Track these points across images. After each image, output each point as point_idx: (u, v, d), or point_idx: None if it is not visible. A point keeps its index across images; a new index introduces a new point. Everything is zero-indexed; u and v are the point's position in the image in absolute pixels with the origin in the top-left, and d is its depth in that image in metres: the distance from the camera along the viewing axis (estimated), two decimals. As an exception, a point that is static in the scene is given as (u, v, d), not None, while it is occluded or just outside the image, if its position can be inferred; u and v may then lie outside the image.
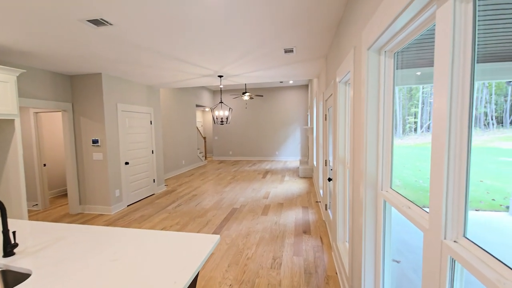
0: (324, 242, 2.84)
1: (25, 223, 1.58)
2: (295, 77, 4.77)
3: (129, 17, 1.99)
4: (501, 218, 3.91)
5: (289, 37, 2.55)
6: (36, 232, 1.44)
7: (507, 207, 3.96)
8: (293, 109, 9.33)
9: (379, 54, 1.28)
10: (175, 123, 7.08)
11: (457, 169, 0.71)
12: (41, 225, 1.53)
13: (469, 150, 0.70)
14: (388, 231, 1.29)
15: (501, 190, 4.34)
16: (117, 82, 4.17)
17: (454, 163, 0.72)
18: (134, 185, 4.56)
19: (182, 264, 1.06)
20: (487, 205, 4.00)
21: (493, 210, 4.02)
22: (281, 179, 6.18)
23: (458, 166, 0.71)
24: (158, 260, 1.10)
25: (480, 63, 0.73)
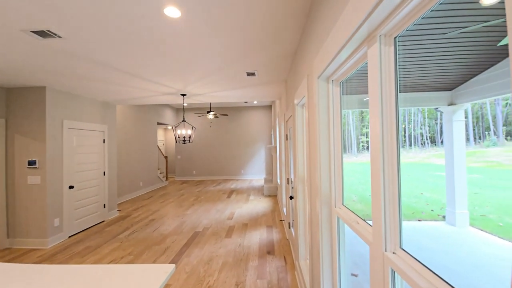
0: (287, 261, 2.83)
1: None
2: (258, 98, 4.96)
3: (81, 30, 1.89)
4: (440, 227, 4.39)
5: (251, 61, 2.68)
6: None
7: (443, 216, 4.48)
8: (258, 128, 9.56)
9: (327, 82, 1.43)
10: (133, 141, 6.62)
11: (391, 185, 0.80)
12: None
13: (398, 168, 0.80)
14: (343, 246, 1.36)
15: (437, 201, 4.96)
16: (64, 97, 3.79)
17: (388, 179, 0.81)
18: (79, 212, 4.02)
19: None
20: (428, 215, 4.50)
21: (433, 220, 4.54)
22: (246, 199, 6.11)
23: (391, 182, 0.80)
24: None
25: (411, 92, 0.87)
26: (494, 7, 1.30)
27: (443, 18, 1.58)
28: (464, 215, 3.01)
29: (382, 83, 0.83)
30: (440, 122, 3.47)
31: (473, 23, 1.72)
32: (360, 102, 1.58)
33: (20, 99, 3.49)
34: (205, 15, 1.70)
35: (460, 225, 3.09)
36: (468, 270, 2.49)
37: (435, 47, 2.14)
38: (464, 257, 2.83)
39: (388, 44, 0.83)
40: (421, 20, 0.78)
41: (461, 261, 2.64)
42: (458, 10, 1.55)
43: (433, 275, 0.63)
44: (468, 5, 1.52)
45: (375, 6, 0.72)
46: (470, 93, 2.45)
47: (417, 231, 3.82)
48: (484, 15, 1.57)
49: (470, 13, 1.57)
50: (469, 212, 3.79)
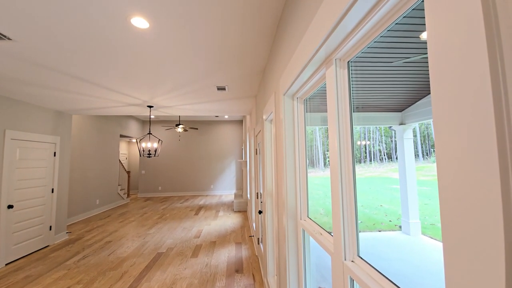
0: (256, 279, 2.75)
1: None
2: (229, 112, 4.98)
3: (36, 33, 1.74)
4: (396, 236, 4.72)
5: (222, 75, 2.72)
6: None
7: (400, 226, 4.86)
8: (228, 143, 9.51)
9: (292, 99, 1.51)
10: (90, 155, 6.07)
11: (348, 197, 0.86)
12: None
13: (354, 181, 0.86)
14: (308, 259, 1.38)
15: (395, 212, 5.35)
16: (8, 104, 3.37)
17: (346, 192, 0.86)
18: (19, 235, 3.47)
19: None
20: (386, 226, 4.82)
21: (391, 230, 4.87)
22: (215, 215, 5.91)
23: (348, 195, 0.86)
24: None
25: (368, 112, 0.96)
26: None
27: (389, 49, 1.82)
28: (416, 224, 3.30)
29: (338, 102, 0.90)
30: (395, 139, 3.84)
31: (414, 54, 2.01)
32: (323, 120, 1.69)
33: (-50, 105, 3.00)
34: (175, 27, 1.71)
35: (413, 233, 3.36)
36: (421, 276, 2.69)
37: (385, 73, 2.43)
38: (417, 263, 3.07)
39: (342, 67, 0.92)
40: (371, 49, 0.89)
41: (414, 267, 2.85)
42: (401, 43, 1.80)
43: (388, 281, 0.67)
44: (409, 39, 1.77)
45: (330, 32, 0.80)
46: (416, 115, 2.79)
47: (377, 240, 4.05)
48: (423, 48, 1.85)
49: (411, 46, 1.84)
50: (420, 221, 4.19)
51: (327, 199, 6.40)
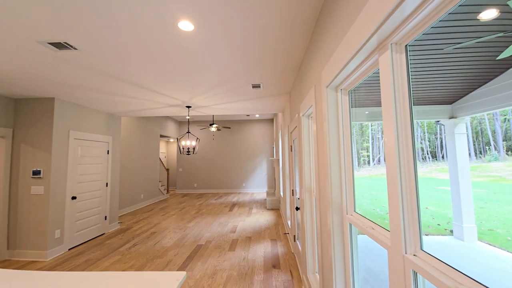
0: (294, 275, 2.75)
1: None
2: (262, 110, 5.03)
3: (97, 42, 1.97)
4: (448, 241, 4.32)
5: (257, 74, 2.76)
6: None
7: (451, 231, 4.43)
8: (259, 142, 9.60)
9: (336, 91, 1.47)
10: (135, 153, 6.64)
11: (408, 191, 0.81)
12: (-51, 276, 1.20)
13: (416, 176, 0.81)
14: (356, 255, 1.33)
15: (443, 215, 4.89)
16: (72, 108, 3.86)
17: (405, 186, 0.82)
18: (81, 223, 3.96)
19: (140, 309, 0.92)
20: (434, 229, 4.44)
21: (440, 234, 4.47)
22: (249, 212, 6.02)
23: (408, 189, 0.81)
24: (110, 307, 0.93)
25: (413, 105, 0.90)
26: (490, 23, 1.36)
27: (440, 34, 1.65)
28: (472, 229, 2.96)
29: (395, 92, 0.86)
30: (440, 136, 3.49)
31: (469, 39, 1.80)
32: (361, 115, 1.61)
33: (28, 110, 3.55)
34: (218, 28, 1.79)
35: (468, 239, 3.03)
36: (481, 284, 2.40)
37: (433, 61, 2.21)
38: (475, 272, 2.75)
39: (399, 52, 0.87)
40: (420, 35, 0.83)
41: (472, 274, 2.56)
42: (455, 27, 1.63)
43: (460, 274, 0.62)
44: (464, 21, 1.59)
45: (387, 16, 0.77)
46: (470, 107, 2.49)
47: (426, 244, 3.73)
48: (479, 31, 1.65)
49: (466, 29, 1.65)
50: (476, 226, 3.75)
51: (363, 200, 6.07)
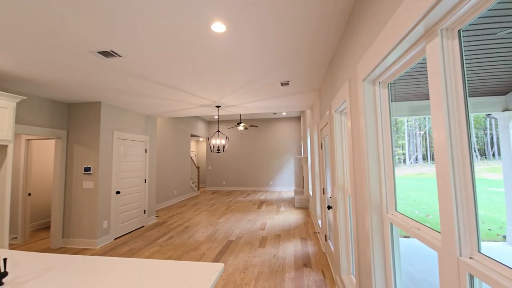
0: (326, 275, 2.69)
1: (11, 252, 1.46)
2: (289, 108, 4.99)
3: (138, 49, 2.13)
4: (501, 248, 3.87)
5: (286, 71, 2.74)
6: (23, 262, 1.32)
7: (504, 236, 3.98)
8: (286, 140, 9.53)
9: (373, 84, 1.40)
10: (169, 152, 7.04)
11: (463, 191, 0.75)
12: (28, 255, 1.41)
13: (473, 174, 0.74)
14: (398, 256, 1.27)
15: (495, 219, 4.38)
16: (115, 110, 4.23)
17: (460, 185, 0.76)
18: (124, 216, 4.33)
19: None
20: (485, 235, 3.98)
21: (492, 240, 4.01)
22: (277, 210, 6.03)
23: (464, 188, 0.75)
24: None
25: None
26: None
27: (494, 17, 1.48)
28: (530, 235, 2.60)
29: (446, 82, 0.80)
30: (491, 132, 3.12)
31: None
32: (397, 110, 1.50)
33: (79, 113, 3.98)
34: (249, 27, 1.82)
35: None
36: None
37: (484, 47, 1.98)
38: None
39: (451, 38, 0.81)
40: (476, 19, 0.75)
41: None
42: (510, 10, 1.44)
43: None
44: None
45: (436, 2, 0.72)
46: (528, 98, 2.18)
47: (475, 250, 3.37)
48: None
49: None
50: (536, 232, 3.27)
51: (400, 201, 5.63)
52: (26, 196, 4.02)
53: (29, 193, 4.06)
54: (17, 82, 2.93)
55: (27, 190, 4.04)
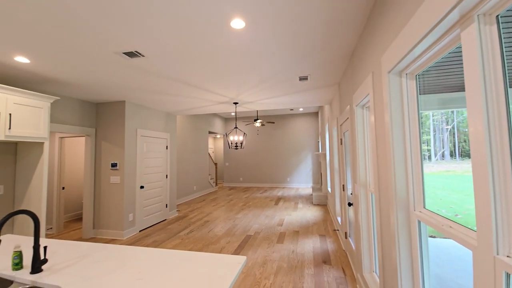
0: (347, 273, 2.65)
1: (48, 241, 1.60)
2: (307, 103, 4.91)
3: (160, 48, 2.20)
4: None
5: (305, 65, 2.70)
6: (60, 249, 1.44)
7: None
8: (303, 136, 9.41)
9: (400, 76, 1.34)
10: (188, 149, 7.24)
11: (503, 188, 0.70)
12: (65, 244, 1.54)
13: None
14: (426, 255, 1.22)
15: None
16: (138, 109, 4.42)
17: (499, 182, 0.71)
18: (147, 209, 4.54)
19: (211, 285, 1.02)
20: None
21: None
22: (295, 206, 6.00)
23: (503, 185, 0.70)
24: (184, 281, 1.06)
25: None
26: None
27: None
28: None
29: (484, 72, 0.74)
30: None
31: None
32: (425, 102, 1.42)
33: (106, 112, 4.20)
34: (268, 21, 1.81)
35: None
36: None
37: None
38: None
39: (489, 23, 0.75)
40: None
41: None
42: None
43: None
44: None
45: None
46: None
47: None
48: None
49: None
50: None
51: (427, 200, 5.41)
52: (60, 190, 4.35)
53: (63, 187, 4.38)
54: (51, 84, 3.15)
55: (61, 184, 4.37)
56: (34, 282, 1.10)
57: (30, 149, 2.99)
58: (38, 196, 2.88)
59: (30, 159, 2.97)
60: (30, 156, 2.98)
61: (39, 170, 2.91)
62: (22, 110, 2.63)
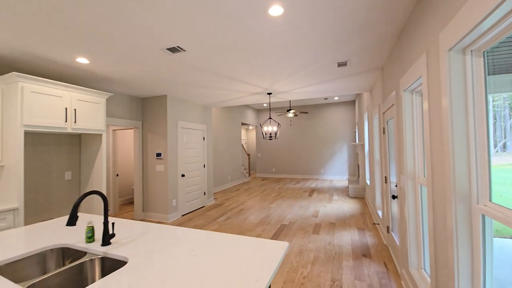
0: (389, 268, 2.53)
1: (112, 219, 1.82)
2: (345, 91, 4.66)
3: (199, 41, 2.28)
4: None
5: (344, 50, 2.55)
6: (122, 227, 1.64)
7: None
8: (338, 126, 9.00)
9: (463, 54, 1.19)
10: (222, 140, 7.50)
11: None
12: (125, 222, 1.74)
13: None
14: (490, 255, 1.10)
15: None
16: (178, 102, 4.68)
17: None
18: (188, 196, 4.87)
19: (258, 265, 1.07)
20: None
21: None
22: (329, 198, 5.86)
23: None
24: (233, 259, 1.13)
25: None
26: None
27: None
28: None
29: None
30: None
31: None
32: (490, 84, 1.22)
33: (150, 106, 4.54)
34: (306, 7, 1.74)
35: None
36: None
37: None
38: None
39: None
40: None
41: None
42: None
43: None
44: None
45: None
46: None
47: None
48: None
49: None
50: None
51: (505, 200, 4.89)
52: (115, 177, 4.89)
53: (117, 174, 4.93)
54: (105, 81, 3.50)
55: (115, 171, 4.91)
56: (105, 253, 1.28)
57: (91, 140, 3.40)
58: (99, 181, 3.29)
59: (92, 149, 3.39)
60: (91, 146, 3.40)
61: (99, 158, 3.30)
62: (84, 105, 2.99)
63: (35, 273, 1.31)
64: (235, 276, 0.99)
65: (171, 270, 1.05)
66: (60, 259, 1.39)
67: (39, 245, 1.36)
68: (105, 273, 1.27)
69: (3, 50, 2.36)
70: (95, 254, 1.30)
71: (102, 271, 1.29)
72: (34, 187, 3.04)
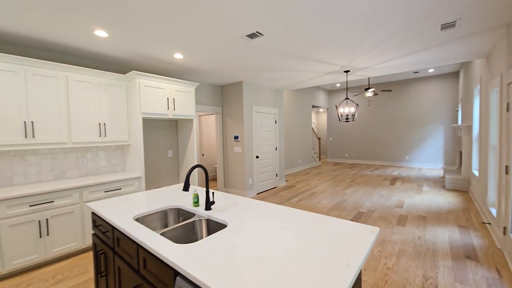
0: (502, 275, 2.06)
1: (211, 191, 2.15)
2: (445, 61, 3.79)
3: (276, 23, 2.29)
4: None
5: (452, 6, 2.05)
6: (217, 197, 1.92)
7: None
8: (432, 104, 7.49)
9: None
10: (293, 123, 7.47)
11: None
12: (218, 193, 2.03)
13: None
14: None
15: None
16: (252, 87, 4.91)
17: None
18: (262, 176, 5.19)
19: (347, 248, 1.07)
20: None
21: None
22: (418, 189, 5.09)
23: None
24: (322, 237, 1.17)
25: None
26: None
27: None
28: None
29: None
30: None
31: None
32: None
33: (228, 93, 4.94)
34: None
35: None
36: None
37: None
38: None
39: None
40: None
41: None
42: None
43: None
44: None
45: None
46: None
47: None
48: None
49: None
50: None
51: None
52: (201, 156, 5.68)
53: (202, 154, 5.71)
54: (193, 73, 4.01)
55: (201, 152, 5.69)
56: (209, 216, 1.54)
57: (185, 125, 4.02)
58: (191, 158, 3.90)
59: (185, 132, 4.02)
60: (185, 130, 4.03)
61: (191, 140, 3.89)
62: (179, 95, 3.53)
63: (160, 225, 1.71)
64: (325, 255, 1.03)
65: (263, 237, 1.18)
66: (176, 216, 1.77)
67: (163, 205, 1.76)
68: (210, 232, 1.54)
69: (125, 54, 3.01)
70: (201, 216, 1.58)
71: (208, 229, 1.57)
72: (148, 162, 3.88)
